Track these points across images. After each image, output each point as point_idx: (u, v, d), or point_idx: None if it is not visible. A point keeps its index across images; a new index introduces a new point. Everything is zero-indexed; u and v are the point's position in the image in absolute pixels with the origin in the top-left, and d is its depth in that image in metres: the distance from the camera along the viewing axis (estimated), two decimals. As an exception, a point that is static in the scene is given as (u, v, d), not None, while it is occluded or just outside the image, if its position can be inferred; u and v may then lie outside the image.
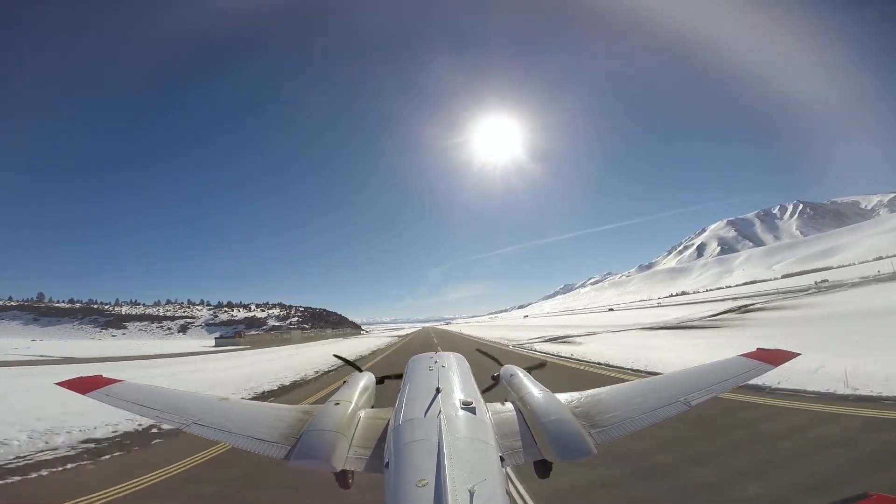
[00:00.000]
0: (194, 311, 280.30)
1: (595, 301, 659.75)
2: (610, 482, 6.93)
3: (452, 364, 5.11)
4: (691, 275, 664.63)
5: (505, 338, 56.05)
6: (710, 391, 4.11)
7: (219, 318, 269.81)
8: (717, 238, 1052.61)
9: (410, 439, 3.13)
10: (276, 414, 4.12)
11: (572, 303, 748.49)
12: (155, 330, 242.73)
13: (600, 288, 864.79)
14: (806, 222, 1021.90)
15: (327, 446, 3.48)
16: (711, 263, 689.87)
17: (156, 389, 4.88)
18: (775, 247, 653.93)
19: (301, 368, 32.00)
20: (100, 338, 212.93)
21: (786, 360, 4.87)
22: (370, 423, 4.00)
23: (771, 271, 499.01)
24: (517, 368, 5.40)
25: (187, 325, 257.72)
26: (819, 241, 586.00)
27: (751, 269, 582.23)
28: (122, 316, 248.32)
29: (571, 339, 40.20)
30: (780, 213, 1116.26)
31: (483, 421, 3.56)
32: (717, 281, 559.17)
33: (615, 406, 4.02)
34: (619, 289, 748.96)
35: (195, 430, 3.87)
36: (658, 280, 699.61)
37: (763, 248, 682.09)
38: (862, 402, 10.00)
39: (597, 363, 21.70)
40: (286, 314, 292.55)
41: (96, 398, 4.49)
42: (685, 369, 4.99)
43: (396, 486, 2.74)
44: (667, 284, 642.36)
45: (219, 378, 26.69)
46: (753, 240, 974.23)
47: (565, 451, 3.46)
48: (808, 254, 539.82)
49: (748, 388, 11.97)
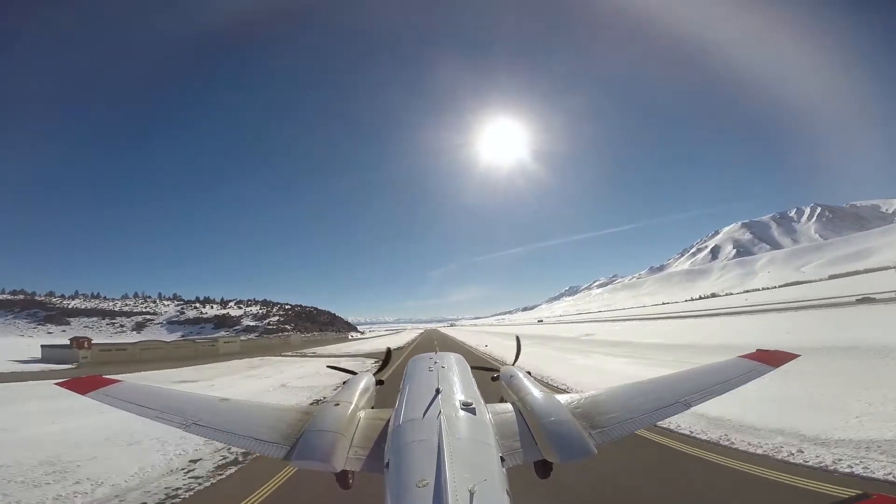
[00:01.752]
0: (159, 307, 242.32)
1: (609, 303, 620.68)
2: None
3: (452, 365, 5.18)
4: (710, 277, 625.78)
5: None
6: (709, 392, 4.26)
7: (185, 316, 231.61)
8: (731, 240, 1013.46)
9: (411, 440, 3.17)
10: (277, 414, 4.21)
11: (584, 305, 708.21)
12: (104, 327, 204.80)
13: (613, 290, 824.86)
14: (825, 225, 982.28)
15: (327, 446, 3.53)
16: (731, 265, 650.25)
17: (155, 390, 5.02)
18: (799, 249, 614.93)
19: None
20: (31, 335, 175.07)
21: (785, 361, 4.89)
22: (370, 423, 4.11)
23: (800, 273, 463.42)
24: (517, 369, 5.45)
25: (145, 322, 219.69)
26: (847, 243, 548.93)
27: (776, 271, 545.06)
28: (68, 310, 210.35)
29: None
30: (797, 215, 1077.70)
31: (483, 421, 3.62)
32: (740, 283, 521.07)
33: (615, 407, 4.12)
34: (633, 291, 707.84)
35: (195, 430, 3.92)
36: (675, 282, 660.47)
37: (787, 250, 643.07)
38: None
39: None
40: (266, 312, 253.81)
41: (95, 398, 4.56)
42: (684, 370, 5.08)
43: (397, 486, 2.77)
44: (684, 287, 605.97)
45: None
46: (770, 242, 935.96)
47: (565, 452, 3.52)
48: (838, 256, 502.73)
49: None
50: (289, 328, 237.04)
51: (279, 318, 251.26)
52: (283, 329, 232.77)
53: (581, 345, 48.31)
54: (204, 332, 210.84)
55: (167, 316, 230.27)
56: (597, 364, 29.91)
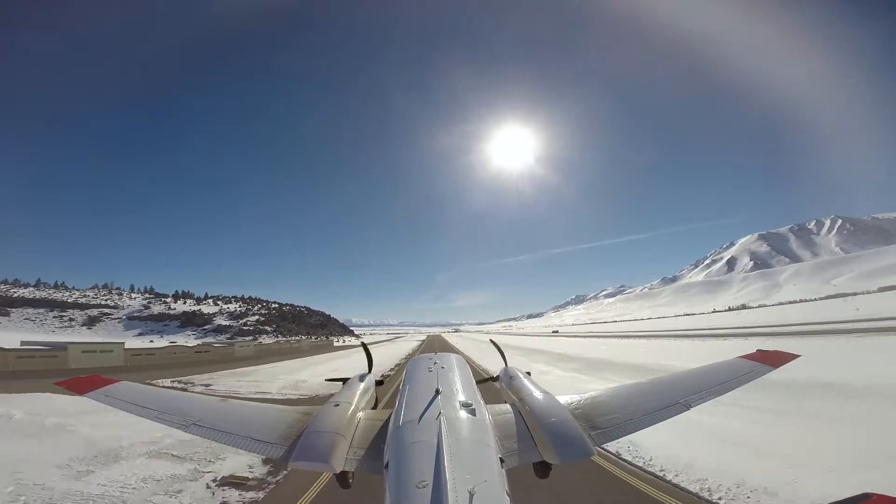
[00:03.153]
0: (124, 300, 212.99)
1: (623, 313, 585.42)
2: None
3: (452, 365, 5.15)
4: (731, 288, 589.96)
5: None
6: (709, 393, 4.29)
7: (149, 311, 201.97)
8: (748, 252, 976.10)
9: (410, 440, 3.18)
10: (276, 415, 4.23)
11: (597, 313, 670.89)
12: (50, 321, 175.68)
13: (625, 299, 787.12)
14: (846, 238, 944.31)
15: (327, 447, 3.54)
16: (753, 277, 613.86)
17: (154, 390, 5.06)
18: (826, 261, 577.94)
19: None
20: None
21: (785, 361, 4.79)
22: (370, 424, 4.15)
23: (831, 287, 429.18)
24: (517, 370, 5.41)
25: (101, 316, 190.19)
26: (878, 256, 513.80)
27: (802, 283, 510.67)
28: (10, 299, 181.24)
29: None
30: (817, 228, 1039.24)
31: (483, 422, 3.62)
32: (765, 296, 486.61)
33: (615, 408, 4.13)
34: (649, 301, 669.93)
35: (194, 431, 3.98)
36: (693, 293, 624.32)
37: (811, 263, 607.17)
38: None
39: None
40: (244, 311, 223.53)
41: (94, 398, 4.55)
42: (684, 371, 5.12)
43: (396, 486, 2.77)
44: (703, 298, 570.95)
45: None
46: (789, 255, 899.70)
47: (565, 453, 3.53)
48: (869, 269, 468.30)
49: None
50: (268, 329, 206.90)
51: (260, 317, 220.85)
52: (261, 331, 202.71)
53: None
54: (167, 330, 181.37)
55: (129, 311, 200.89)
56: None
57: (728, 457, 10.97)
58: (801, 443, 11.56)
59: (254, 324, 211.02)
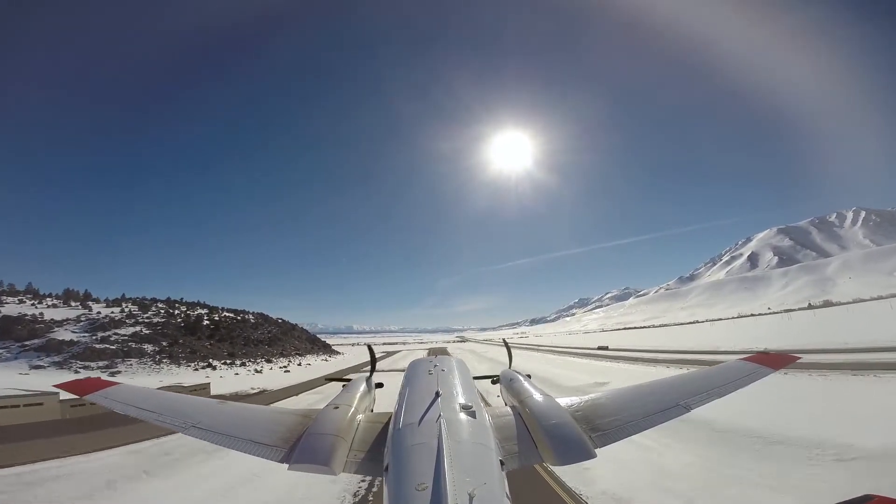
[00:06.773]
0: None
1: (648, 316, 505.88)
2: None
3: (452, 368, 5.16)
4: (773, 285, 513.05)
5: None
6: (709, 395, 4.26)
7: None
8: (770, 247, 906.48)
9: (410, 443, 3.18)
10: (276, 417, 4.23)
11: (620, 318, 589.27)
12: None
13: (649, 300, 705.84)
14: (874, 230, 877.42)
15: (327, 450, 3.54)
16: (795, 271, 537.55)
17: (153, 392, 5.14)
18: (877, 251, 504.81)
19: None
20: None
21: (786, 363, 4.72)
22: (370, 426, 4.14)
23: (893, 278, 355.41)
24: (516, 373, 5.43)
25: None
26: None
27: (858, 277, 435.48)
28: None
29: None
30: (839, 220, 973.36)
31: (483, 424, 3.61)
32: (821, 292, 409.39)
33: (615, 410, 4.12)
34: (678, 301, 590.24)
35: (194, 433, 3.95)
36: (729, 292, 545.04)
37: (861, 253, 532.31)
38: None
39: None
40: (121, 318, 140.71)
41: (95, 400, 4.65)
42: (685, 373, 5.10)
43: (396, 489, 2.77)
44: (741, 296, 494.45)
45: None
46: (815, 249, 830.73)
47: (565, 455, 3.54)
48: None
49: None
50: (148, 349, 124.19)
51: (146, 328, 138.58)
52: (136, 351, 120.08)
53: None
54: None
55: None
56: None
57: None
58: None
59: (131, 337, 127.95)
